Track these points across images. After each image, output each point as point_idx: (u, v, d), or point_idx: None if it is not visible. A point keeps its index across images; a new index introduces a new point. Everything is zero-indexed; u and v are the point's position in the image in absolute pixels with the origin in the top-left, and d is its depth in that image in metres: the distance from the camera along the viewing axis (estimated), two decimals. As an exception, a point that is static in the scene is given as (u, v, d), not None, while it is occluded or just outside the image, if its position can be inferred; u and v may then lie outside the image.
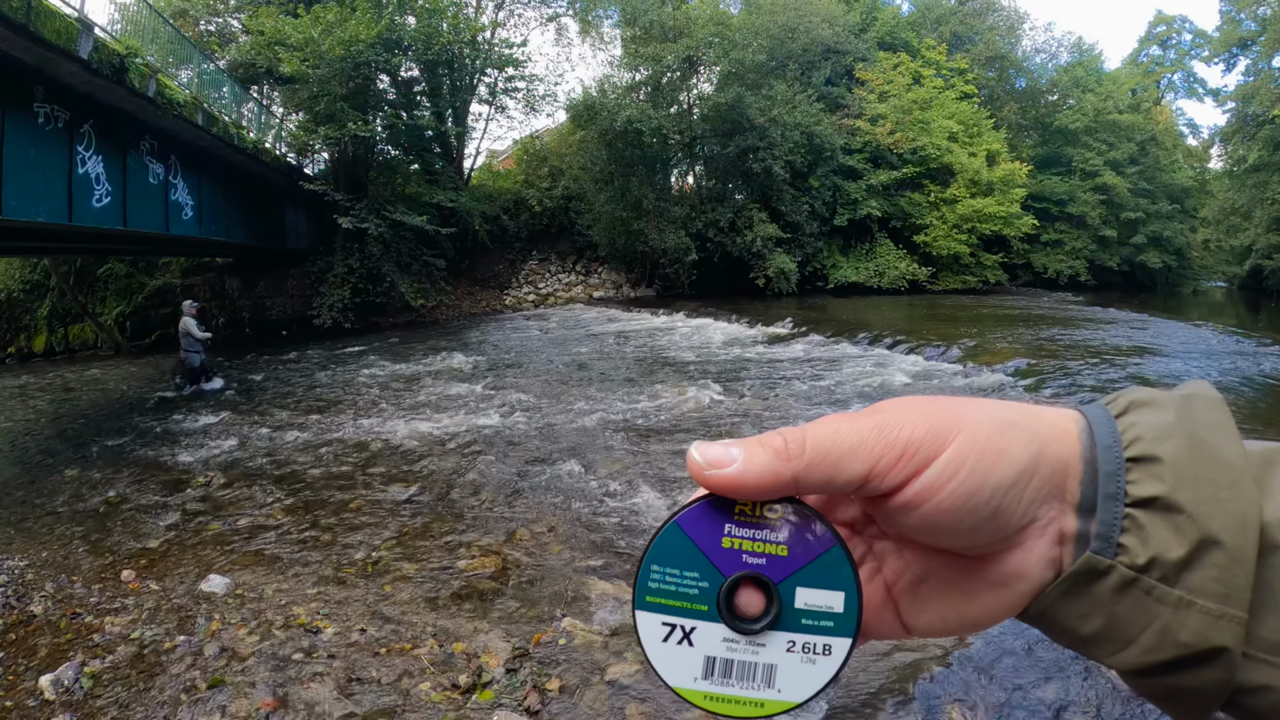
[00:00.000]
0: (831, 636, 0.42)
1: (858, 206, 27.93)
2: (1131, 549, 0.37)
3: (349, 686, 3.58)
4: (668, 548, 0.43)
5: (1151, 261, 36.95)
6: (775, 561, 0.42)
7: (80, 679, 3.69)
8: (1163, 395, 0.41)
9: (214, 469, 7.55)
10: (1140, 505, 0.37)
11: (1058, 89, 38.29)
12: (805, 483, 0.39)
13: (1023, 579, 0.41)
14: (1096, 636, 0.39)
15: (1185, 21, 50.16)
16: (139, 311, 21.17)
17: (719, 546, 0.42)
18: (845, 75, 30.67)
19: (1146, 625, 0.37)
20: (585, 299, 26.05)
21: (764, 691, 0.42)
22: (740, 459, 0.39)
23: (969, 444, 0.39)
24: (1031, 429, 0.40)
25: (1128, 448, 0.39)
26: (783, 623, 0.42)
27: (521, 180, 28.23)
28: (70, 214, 10.63)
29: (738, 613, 0.42)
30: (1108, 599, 0.38)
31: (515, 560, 5.03)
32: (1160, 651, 0.37)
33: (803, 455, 0.39)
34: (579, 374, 12.02)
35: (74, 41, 9.48)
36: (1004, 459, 0.39)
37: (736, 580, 0.42)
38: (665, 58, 24.97)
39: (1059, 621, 0.40)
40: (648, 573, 0.43)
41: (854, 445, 0.39)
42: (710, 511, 0.43)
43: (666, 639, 0.43)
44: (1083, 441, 0.40)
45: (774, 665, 0.42)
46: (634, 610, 0.43)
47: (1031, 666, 3.56)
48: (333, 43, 18.64)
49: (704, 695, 0.42)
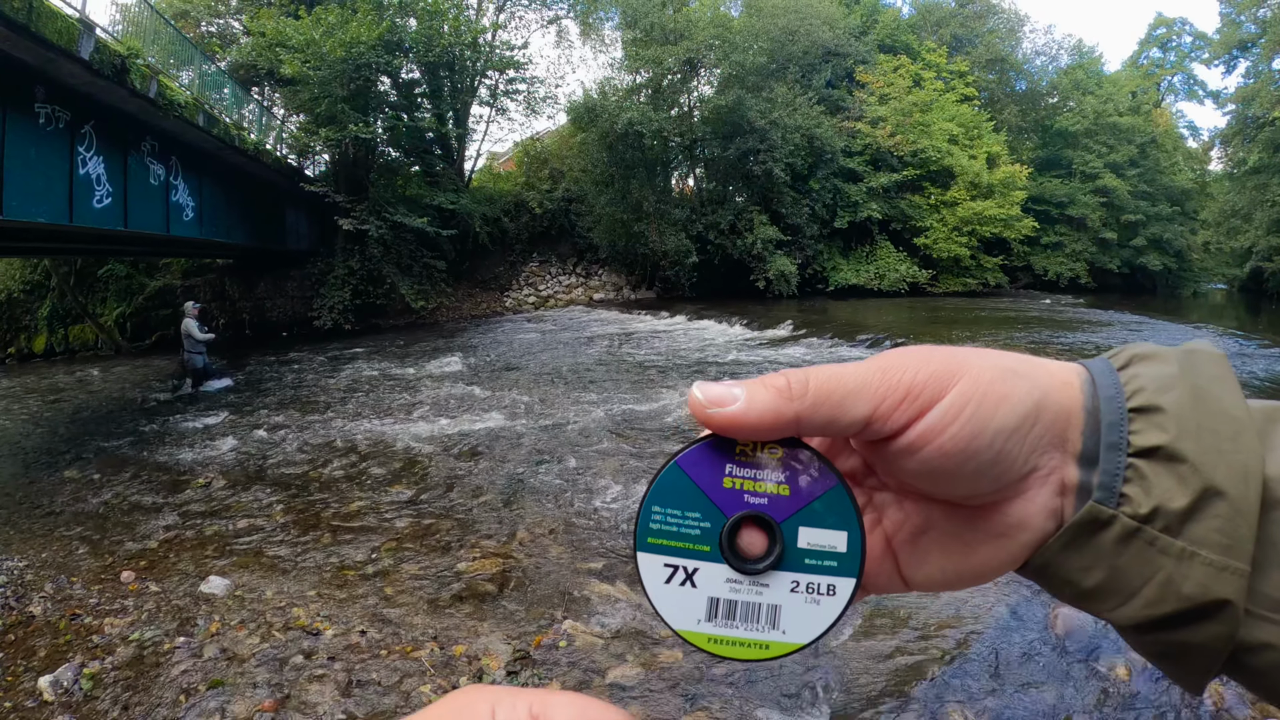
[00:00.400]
0: (835, 576, 0.42)
1: (858, 209, 27.94)
2: (1134, 499, 0.37)
3: (349, 689, 3.57)
4: (668, 488, 0.42)
5: (1152, 264, 36.96)
6: (777, 501, 0.42)
7: (79, 680, 3.68)
8: (1165, 350, 0.41)
9: (214, 470, 7.54)
10: (1143, 455, 0.37)
11: (1058, 91, 38.32)
12: (808, 423, 0.39)
13: (1024, 529, 0.41)
14: (1098, 589, 0.39)
15: (1185, 24, 50.29)
16: (139, 312, 21.17)
17: (720, 487, 0.42)
18: (846, 78, 30.70)
19: (1149, 577, 0.37)
20: (586, 301, 26.04)
21: (768, 633, 0.42)
22: (743, 398, 0.39)
23: (971, 388, 0.39)
24: (1034, 377, 0.40)
25: (1130, 398, 0.39)
26: (786, 563, 0.42)
27: (522, 182, 28.23)
28: (71, 214, 10.63)
29: (740, 553, 0.42)
30: (1110, 550, 0.38)
31: (516, 562, 5.03)
32: (1162, 605, 0.37)
33: (805, 395, 0.39)
34: (579, 376, 12.02)
35: (75, 42, 9.49)
36: (1006, 404, 0.38)
37: (739, 520, 0.42)
38: (666, 60, 25.00)
39: (1061, 574, 0.40)
40: (649, 514, 0.42)
41: (857, 387, 0.39)
42: (711, 452, 0.42)
43: (669, 580, 0.42)
44: (1085, 392, 0.40)
45: (778, 606, 0.42)
46: (635, 551, 0.42)
47: (1034, 669, 3.56)
48: (334, 44, 18.67)
49: (708, 637, 0.42)
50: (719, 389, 0.40)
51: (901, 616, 4.14)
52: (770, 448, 0.42)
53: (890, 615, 4.16)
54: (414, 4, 21.94)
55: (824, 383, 0.39)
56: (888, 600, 4.30)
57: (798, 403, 0.39)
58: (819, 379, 0.39)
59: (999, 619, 4.04)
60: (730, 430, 0.40)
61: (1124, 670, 3.46)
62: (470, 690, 0.34)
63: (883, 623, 4.08)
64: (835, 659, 3.71)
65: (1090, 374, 0.41)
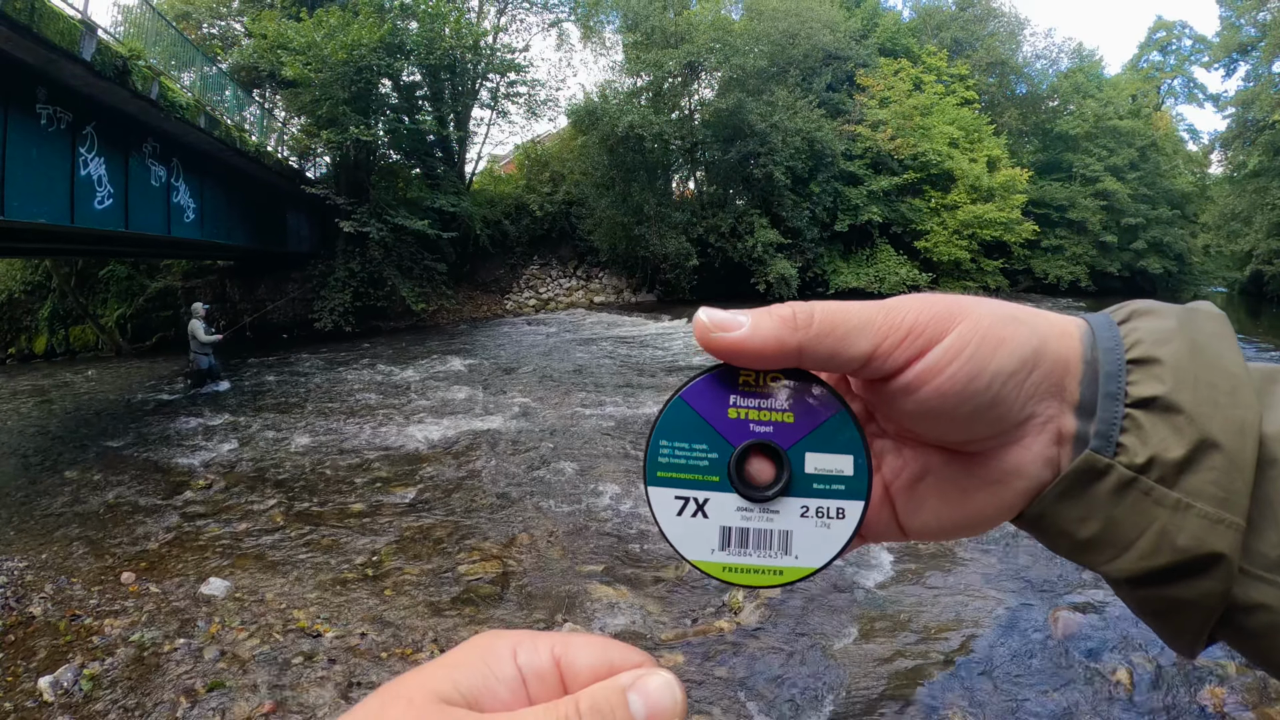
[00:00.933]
0: (844, 500, 0.42)
1: (858, 212, 27.95)
2: (1130, 448, 0.37)
3: (349, 691, 3.56)
4: (675, 422, 0.43)
5: (1152, 267, 36.92)
6: (782, 429, 0.42)
7: (79, 681, 3.68)
8: (1166, 305, 0.42)
9: (215, 471, 7.54)
10: (1140, 405, 0.38)
11: (1058, 95, 38.32)
12: (810, 354, 0.40)
13: (1020, 477, 0.41)
14: (1094, 540, 0.39)
15: (1185, 27, 50.16)
16: (140, 314, 21.17)
17: (725, 417, 0.42)
18: (846, 81, 30.72)
19: (1144, 528, 0.37)
20: (586, 304, 26.05)
21: (781, 558, 0.42)
22: (748, 324, 0.40)
23: (971, 330, 0.39)
24: (1033, 324, 0.40)
25: (1129, 350, 0.39)
26: (795, 488, 0.42)
27: (523, 185, 28.25)
28: (72, 215, 10.63)
29: (749, 481, 0.42)
30: (1106, 500, 0.38)
31: (516, 565, 5.02)
32: (1157, 557, 0.37)
33: (810, 326, 0.39)
34: (579, 379, 12.02)
35: (77, 43, 9.50)
36: (1005, 347, 0.39)
37: (746, 449, 0.42)
38: (667, 63, 25.03)
39: (1056, 524, 0.40)
40: (656, 448, 0.42)
41: (861, 323, 0.39)
42: (715, 384, 0.43)
43: (680, 513, 0.42)
44: (1084, 343, 0.41)
45: (789, 531, 0.42)
46: (645, 487, 0.43)
47: (1035, 672, 3.55)
48: (335, 47, 18.69)
49: (722, 566, 0.42)
50: (725, 315, 0.40)
51: (902, 619, 4.14)
52: (773, 376, 0.43)
53: (890, 618, 4.16)
54: (415, 7, 21.97)
55: (829, 316, 0.40)
56: (888, 603, 4.29)
57: (801, 332, 0.39)
58: (824, 312, 0.40)
59: (999, 621, 4.04)
60: (733, 355, 0.40)
61: (1125, 673, 3.46)
62: (491, 634, 0.34)
63: (883, 625, 4.08)
64: (836, 662, 3.71)
65: (1090, 326, 0.41)
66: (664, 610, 4.29)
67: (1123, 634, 3.76)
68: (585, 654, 0.33)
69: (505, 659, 0.32)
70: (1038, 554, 4.83)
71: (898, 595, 4.45)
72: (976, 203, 28.38)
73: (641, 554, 5.11)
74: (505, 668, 0.32)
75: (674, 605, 4.35)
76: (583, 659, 0.33)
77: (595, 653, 0.33)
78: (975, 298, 0.41)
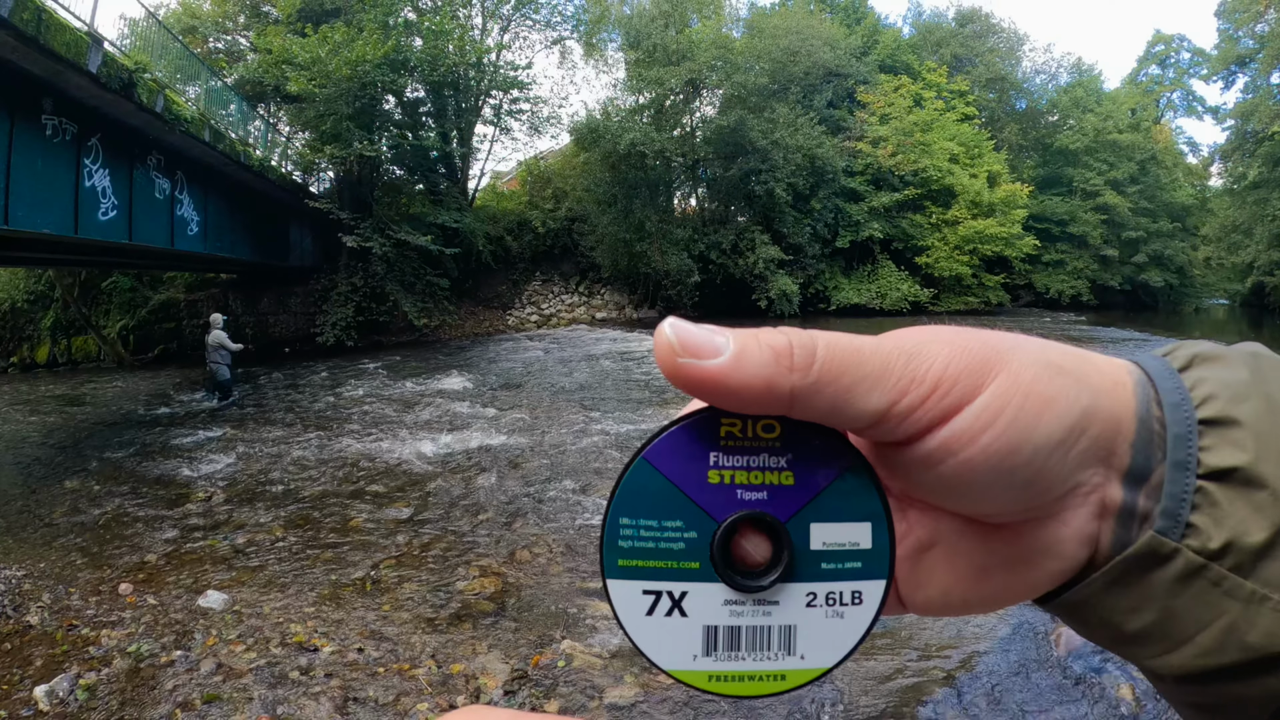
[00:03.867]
0: (860, 581, 0.34)
1: (859, 228, 28.08)
2: (1203, 530, 0.30)
3: (346, 706, 3.54)
4: (638, 492, 0.33)
5: (1153, 280, 37.02)
6: (779, 494, 0.34)
7: (75, 691, 3.66)
8: (1230, 350, 0.34)
9: (214, 484, 7.53)
10: (1214, 477, 0.30)
11: (1058, 109, 38.61)
12: (805, 404, 0.31)
13: (1051, 557, 0.34)
14: (1143, 634, 0.32)
15: (1184, 40, 50.49)
16: (143, 325, 21.24)
17: (705, 483, 0.33)
18: (847, 98, 30.96)
19: (1208, 622, 0.30)
20: (588, 320, 26.09)
21: (783, 660, 0.34)
22: (729, 352, 0.30)
23: (1011, 386, 0.31)
24: (1081, 375, 0.32)
25: (1199, 407, 0.31)
26: (798, 571, 0.34)
27: (525, 201, 28.41)
28: (76, 226, 10.70)
29: (739, 566, 0.34)
30: (1165, 590, 0.31)
31: (515, 581, 5.00)
32: (1220, 655, 0.30)
33: (810, 368, 0.31)
34: (580, 395, 12.02)
35: (83, 55, 9.60)
36: (1050, 410, 0.31)
37: (733, 524, 0.33)
38: (668, 81, 25.24)
39: (1100, 615, 0.33)
40: (616, 529, 0.33)
41: (876, 371, 0.31)
42: (688, 439, 0.33)
43: (651, 611, 0.34)
44: (1138, 396, 0.33)
45: (792, 626, 0.34)
46: (604, 580, 0.34)
47: (1037, 689, 3.53)
48: (339, 63, 18.86)
49: (707, 675, 0.34)
50: (700, 334, 0.31)
51: (903, 637, 4.11)
52: (765, 424, 0.34)
53: (891, 635, 4.13)
54: (419, 24, 22.20)
55: (835, 356, 0.31)
56: (889, 620, 4.26)
57: (798, 375, 0.30)
58: (830, 350, 0.31)
59: (1001, 639, 4.02)
60: (704, 391, 0.31)
61: (1128, 689, 3.43)
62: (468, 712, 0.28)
63: (884, 643, 4.05)
64: (835, 680, 3.68)
65: (1146, 374, 0.34)
66: (663, 625, 4.27)
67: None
68: None
69: None
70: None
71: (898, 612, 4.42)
72: (977, 218, 28.51)
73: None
74: None
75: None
76: None
77: None
78: (1010, 336, 0.33)
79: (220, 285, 22.20)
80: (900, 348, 0.32)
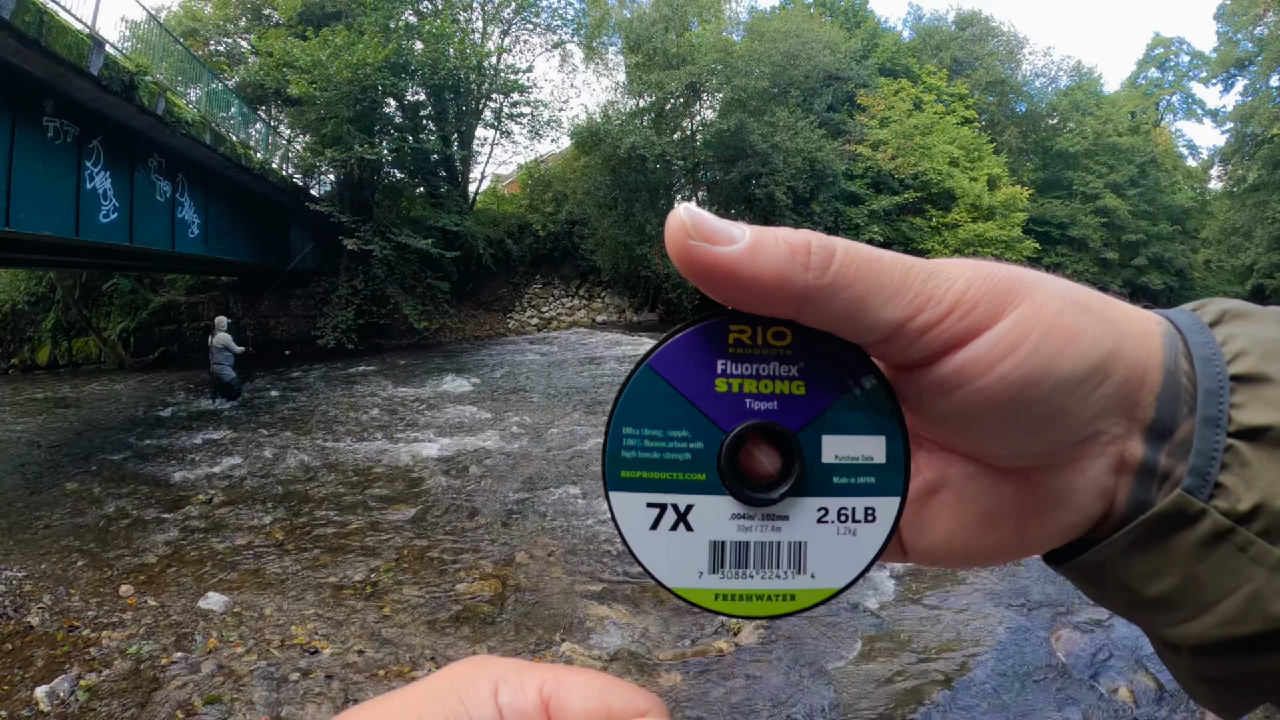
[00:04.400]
0: (874, 496, 0.32)
1: (860, 231, 28.05)
2: (1233, 491, 0.29)
3: (345, 708, 3.54)
4: (642, 401, 0.32)
5: (1153, 283, 36.99)
6: (790, 404, 0.32)
7: (76, 691, 3.66)
8: (1257, 308, 0.33)
9: (215, 487, 7.54)
10: (1246, 436, 0.29)
11: (1057, 113, 38.60)
12: (817, 307, 0.30)
13: (1064, 508, 0.32)
14: (1163, 600, 0.31)
15: (1183, 43, 50.49)
16: (143, 328, 21.26)
17: (712, 391, 0.32)
18: (847, 101, 30.96)
19: (1231, 590, 0.29)
20: (588, 323, 26.09)
21: (793, 579, 0.33)
22: (745, 241, 0.29)
23: (1034, 315, 0.30)
24: (1108, 317, 0.31)
25: (1231, 362, 0.30)
26: (809, 485, 0.32)
27: (526, 204, 28.42)
28: (77, 228, 10.71)
29: (747, 478, 0.32)
30: (1190, 554, 0.29)
31: (514, 584, 5.01)
32: (1241, 625, 0.29)
33: (827, 269, 0.29)
34: (580, 398, 12.02)
35: (85, 57, 9.61)
36: (1075, 344, 0.30)
37: (741, 434, 0.32)
38: (668, 84, 25.26)
39: (1119, 578, 0.32)
40: (619, 439, 0.32)
41: (896, 281, 0.30)
42: (695, 345, 0.32)
43: (656, 525, 0.32)
44: (1166, 348, 0.31)
45: (803, 543, 0.33)
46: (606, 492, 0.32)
47: (1036, 692, 3.53)
48: (340, 65, 18.88)
49: (714, 593, 0.33)
50: (716, 221, 0.29)
51: (902, 639, 4.12)
52: (776, 330, 0.32)
53: (890, 638, 4.13)
54: (420, 27, 22.23)
55: (854, 261, 0.30)
56: (889, 623, 4.27)
57: (813, 274, 0.29)
58: (850, 254, 0.30)
59: (1000, 641, 4.02)
60: (713, 279, 0.30)
61: (1127, 691, 3.44)
62: (474, 663, 0.28)
63: (882, 646, 4.05)
64: (835, 683, 3.69)
65: (1175, 326, 0.32)
66: (662, 630, 4.27)
67: (1124, 652, 3.74)
68: (579, 695, 0.27)
69: (484, 696, 0.27)
70: (1038, 572, 4.81)
71: (898, 615, 4.43)
72: (977, 221, 28.52)
73: (640, 573, 5.08)
74: (482, 707, 0.26)
75: (672, 625, 4.33)
76: (576, 702, 0.27)
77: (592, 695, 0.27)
78: (1035, 271, 0.32)
79: (221, 288, 22.21)
80: (923, 264, 0.31)
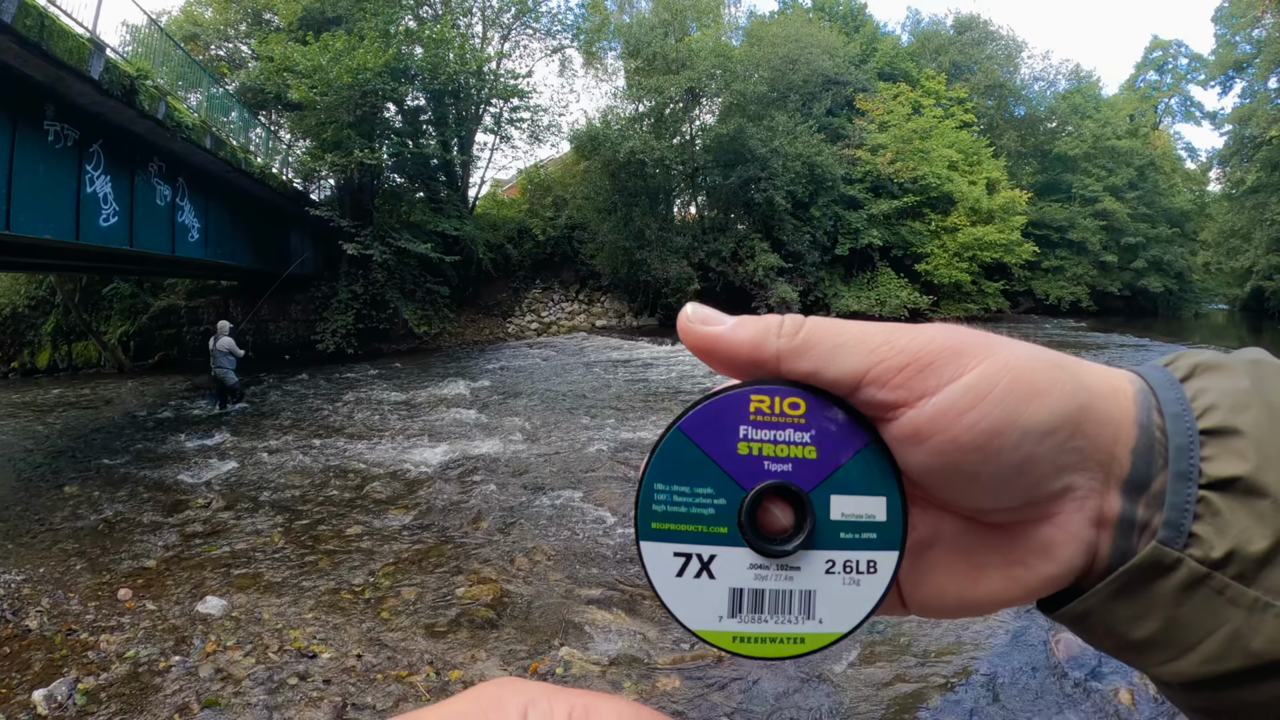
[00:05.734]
0: (875, 551, 0.36)
1: (859, 236, 28.11)
2: (1205, 540, 0.31)
3: (344, 712, 3.54)
4: (673, 460, 0.36)
5: (1153, 286, 37.02)
6: (803, 466, 0.36)
7: (74, 695, 3.66)
8: (1231, 358, 0.35)
9: (214, 491, 7.53)
10: (1216, 487, 0.31)
11: (1056, 116, 38.70)
12: (789, 365, 0.35)
13: (1048, 560, 0.35)
14: (1148, 642, 0.33)
15: (1181, 46, 50.71)
16: (143, 332, 21.27)
17: (734, 454, 0.36)
18: (846, 106, 31.02)
19: (1211, 630, 0.31)
20: (588, 328, 26.11)
21: (803, 624, 0.36)
22: (730, 322, 0.36)
23: (1000, 370, 0.32)
24: (1078, 374, 0.34)
25: (1201, 417, 0.32)
26: (819, 539, 0.36)
27: (526, 209, 28.47)
28: (77, 232, 10.72)
29: (764, 532, 0.36)
30: (1169, 599, 0.32)
31: (513, 588, 5.00)
32: (1224, 661, 0.31)
33: (797, 334, 0.35)
34: (580, 403, 12.03)
35: (85, 61, 9.62)
36: (1042, 399, 0.32)
37: (760, 492, 0.36)
38: (668, 89, 25.32)
39: (1105, 624, 0.34)
40: (650, 494, 0.36)
41: (856, 339, 0.34)
42: (721, 412, 0.36)
43: (681, 572, 0.36)
44: (1139, 404, 0.34)
45: (812, 591, 0.36)
46: (638, 541, 0.36)
47: (1036, 694, 3.52)
48: (341, 70, 18.92)
49: (732, 636, 0.36)
50: (710, 311, 0.36)
51: (901, 644, 4.11)
52: (791, 401, 0.36)
53: (890, 642, 4.13)
54: (420, 32, 22.28)
55: (819, 327, 0.35)
56: (887, 627, 4.27)
57: (784, 340, 0.35)
58: (816, 324, 0.35)
59: (999, 644, 4.01)
60: (706, 348, 0.36)
61: (1127, 694, 3.43)
62: (503, 683, 0.29)
63: (882, 650, 4.05)
64: (835, 687, 3.68)
65: (1147, 384, 0.35)
66: (661, 635, 4.26)
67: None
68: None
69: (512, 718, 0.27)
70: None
71: (898, 619, 4.42)
72: (976, 225, 28.56)
73: (639, 578, 5.08)
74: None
75: (672, 630, 4.32)
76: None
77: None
78: (1008, 338, 0.35)
79: (220, 292, 22.22)
80: (885, 326, 0.35)
